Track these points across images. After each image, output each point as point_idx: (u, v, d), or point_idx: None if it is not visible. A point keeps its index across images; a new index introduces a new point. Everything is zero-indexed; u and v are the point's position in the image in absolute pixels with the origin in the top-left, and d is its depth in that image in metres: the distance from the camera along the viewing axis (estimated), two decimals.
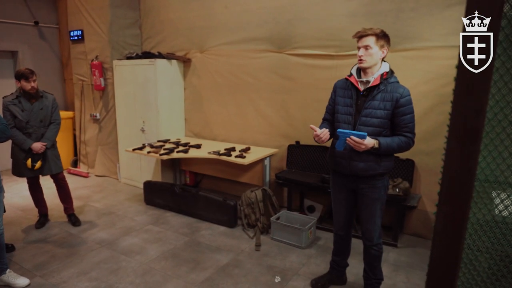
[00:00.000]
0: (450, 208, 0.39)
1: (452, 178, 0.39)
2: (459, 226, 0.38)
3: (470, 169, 0.38)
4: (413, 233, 3.79)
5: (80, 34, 5.66)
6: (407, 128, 2.29)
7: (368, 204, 2.45)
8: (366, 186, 2.41)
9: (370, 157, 2.32)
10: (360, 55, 2.30)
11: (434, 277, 0.42)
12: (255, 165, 4.24)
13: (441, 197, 0.39)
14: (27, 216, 4.27)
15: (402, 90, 2.28)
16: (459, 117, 0.39)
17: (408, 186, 3.49)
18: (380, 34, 2.27)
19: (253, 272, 3.10)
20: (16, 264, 3.20)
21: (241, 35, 4.57)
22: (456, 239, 0.38)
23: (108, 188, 5.37)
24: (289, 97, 4.31)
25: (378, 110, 2.28)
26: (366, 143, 2.19)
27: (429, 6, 3.37)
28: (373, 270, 2.60)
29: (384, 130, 2.31)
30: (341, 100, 2.44)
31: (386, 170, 2.39)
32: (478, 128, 0.38)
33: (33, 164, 3.61)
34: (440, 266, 0.41)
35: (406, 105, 2.26)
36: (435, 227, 0.42)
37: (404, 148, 2.31)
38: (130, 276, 3.04)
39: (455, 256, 0.39)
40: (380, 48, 2.29)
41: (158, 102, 4.93)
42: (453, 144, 0.40)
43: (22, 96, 3.59)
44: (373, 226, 2.48)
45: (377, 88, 2.30)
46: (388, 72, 2.33)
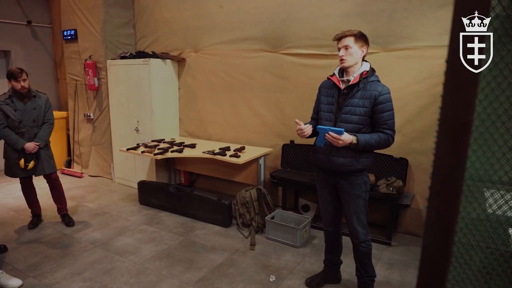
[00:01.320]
0: (441, 202, 0.39)
1: (442, 172, 0.40)
2: (450, 219, 0.39)
3: (460, 163, 0.38)
4: (407, 232, 3.82)
5: (74, 33, 5.63)
6: (386, 125, 2.35)
7: (349, 200, 2.51)
8: (346, 182, 2.48)
9: (348, 153, 2.38)
10: (341, 55, 2.40)
11: (425, 271, 0.43)
12: (250, 165, 4.24)
13: (432, 191, 0.40)
14: (20, 216, 4.23)
15: (381, 88, 2.34)
16: (448, 111, 0.40)
17: (401, 185, 3.51)
18: (358, 35, 2.38)
19: (248, 272, 3.10)
20: (8, 265, 3.17)
21: (236, 35, 4.57)
22: (447, 233, 0.38)
23: (102, 188, 5.34)
24: (283, 96, 4.32)
25: (357, 108, 2.37)
26: (343, 138, 2.27)
27: (422, 6, 3.40)
28: (364, 268, 2.63)
29: (364, 127, 2.38)
30: (324, 99, 2.55)
31: (364, 166, 2.45)
32: (467, 122, 0.39)
33: (26, 164, 3.58)
34: (431, 260, 0.42)
35: (384, 103, 2.32)
36: (426, 221, 0.43)
37: (383, 145, 2.37)
38: (124, 276, 3.03)
39: (446, 250, 0.40)
40: (360, 48, 2.39)
41: (152, 102, 4.91)
42: (443, 137, 0.40)
43: (14, 96, 3.56)
44: (357, 222, 2.52)
45: (357, 86, 2.39)
46: (368, 71, 2.41)
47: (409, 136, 3.64)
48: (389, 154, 3.72)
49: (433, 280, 0.42)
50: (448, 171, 0.40)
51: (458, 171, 0.39)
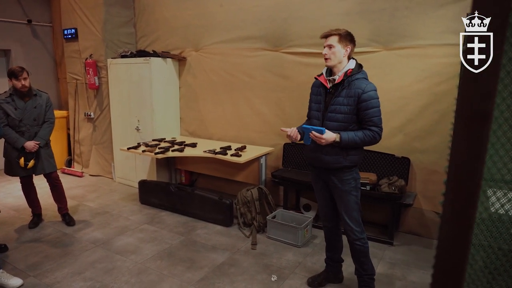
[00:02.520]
0: (458, 197, 0.38)
1: (460, 166, 0.38)
2: (468, 215, 0.37)
3: (479, 155, 0.37)
4: (409, 231, 3.80)
5: (74, 32, 5.61)
6: (371, 122, 2.36)
7: (340, 196, 2.53)
8: (335, 178, 2.51)
9: (334, 150, 2.42)
10: (324, 54, 2.43)
11: (440, 269, 0.41)
12: (251, 164, 4.23)
13: (448, 186, 0.38)
14: (21, 216, 4.22)
15: (365, 86, 2.35)
16: (466, 100, 0.38)
17: (403, 184, 3.50)
18: (343, 34, 2.40)
19: (249, 271, 3.09)
20: (9, 265, 3.16)
21: (236, 34, 4.55)
22: (464, 229, 0.37)
23: (103, 187, 5.33)
24: (284, 95, 4.31)
25: (342, 106, 2.39)
26: (325, 137, 2.31)
27: (423, 4, 3.38)
28: (362, 266, 2.63)
29: (351, 125, 2.40)
30: (314, 98, 2.61)
31: (352, 163, 2.47)
32: (487, 112, 0.38)
33: (26, 163, 3.57)
34: (447, 257, 0.40)
35: (367, 100, 2.33)
36: (441, 217, 0.42)
37: (368, 142, 2.38)
38: (125, 275, 3.02)
39: (463, 247, 0.38)
40: (343, 47, 2.40)
41: (153, 101, 4.90)
42: (459, 129, 0.39)
43: (15, 95, 3.55)
44: (349, 219, 2.53)
45: (342, 85, 2.41)
46: (354, 69, 2.42)
47: (411, 135, 3.63)
48: (391, 153, 3.71)
49: (448, 279, 0.41)
50: (466, 164, 0.38)
51: (477, 164, 0.38)
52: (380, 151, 3.74)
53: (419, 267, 3.15)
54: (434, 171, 3.55)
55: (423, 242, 3.63)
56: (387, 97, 3.44)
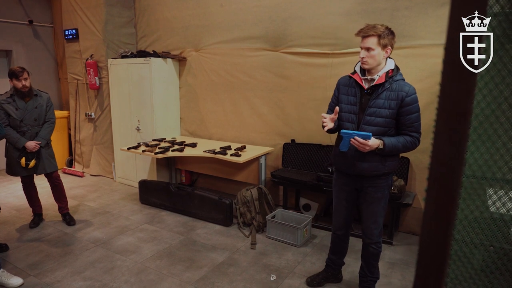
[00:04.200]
0: (439, 193, 0.38)
1: (441, 163, 0.39)
2: (449, 211, 0.38)
3: (459, 153, 0.37)
4: (408, 231, 3.80)
5: (75, 33, 5.63)
6: (413, 127, 2.22)
7: (371, 202, 2.42)
8: (370, 185, 2.39)
9: (375, 158, 2.27)
10: (361, 57, 2.24)
11: (423, 265, 0.42)
12: (251, 164, 4.24)
13: (430, 182, 0.39)
14: (21, 215, 4.24)
15: (408, 89, 2.20)
16: (447, 99, 0.39)
17: (403, 184, 3.50)
18: (383, 34, 2.17)
19: (248, 271, 3.09)
20: (9, 264, 3.17)
21: (237, 34, 4.56)
22: (446, 224, 0.37)
23: (103, 187, 5.34)
24: (284, 95, 4.31)
25: (383, 109, 2.22)
26: (370, 144, 2.15)
27: (423, 4, 3.38)
28: (370, 268, 2.59)
29: (390, 130, 2.26)
30: (344, 98, 2.39)
31: (390, 170, 2.36)
32: (466, 111, 0.38)
33: (27, 163, 3.58)
34: (429, 253, 0.41)
35: (412, 104, 2.19)
36: (424, 213, 0.42)
37: (409, 148, 2.25)
38: (125, 275, 3.03)
39: (444, 243, 0.39)
40: (383, 49, 2.20)
41: (153, 101, 4.91)
42: (441, 127, 0.39)
43: (16, 95, 3.57)
44: (374, 224, 2.46)
45: (382, 86, 2.24)
46: (394, 70, 2.26)
47: None
48: None
49: (431, 275, 0.41)
50: (446, 161, 0.39)
51: (457, 161, 0.38)
52: None
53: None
54: None
55: None
56: None
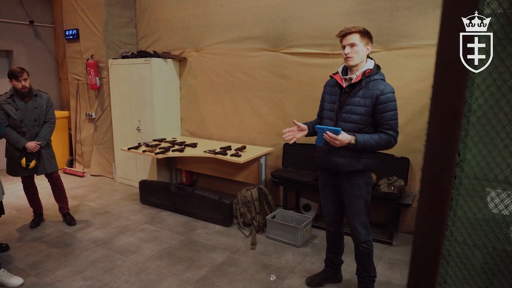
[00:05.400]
0: (432, 194, 0.39)
1: (433, 164, 0.39)
2: (442, 211, 0.38)
3: (451, 154, 0.38)
4: (408, 231, 3.80)
5: (75, 33, 5.64)
6: (388, 125, 2.27)
7: (350, 200, 2.47)
8: (347, 182, 2.44)
9: (348, 153, 2.34)
10: (346, 53, 2.31)
11: (416, 266, 0.42)
12: (251, 164, 4.24)
13: (422, 183, 0.39)
14: (22, 215, 4.25)
15: (383, 87, 2.26)
16: (439, 100, 0.39)
17: (403, 184, 3.50)
18: (363, 31, 2.29)
19: (248, 271, 3.10)
20: (10, 264, 3.18)
21: (237, 34, 4.57)
22: (439, 225, 0.38)
23: (104, 187, 5.35)
24: (284, 95, 4.31)
25: (358, 107, 2.31)
26: (340, 138, 2.22)
27: (423, 4, 3.38)
28: (364, 267, 2.61)
29: (366, 127, 2.32)
30: (327, 97, 2.51)
31: (366, 167, 2.39)
32: (458, 112, 0.38)
33: (28, 163, 3.59)
34: (422, 254, 0.41)
35: (386, 102, 2.25)
36: (417, 214, 0.42)
37: (383, 146, 2.30)
38: (125, 275, 3.03)
39: (437, 243, 0.39)
40: (365, 45, 2.30)
41: (153, 101, 4.92)
42: (433, 129, 0.40)
43: (15, 95, 3.57)
44: (358, 223, 2.49)
45: (359, 85, 2.33)
46: (372, 69, 2.34)
47: (411, 135, 3.63)
48: (390, 153, 3.71)
49: (424, 275, 0.42)
50: (439, 162, 0.39)
51: (449, 162, 0.39)
52: (380, 152, 3.73)
53: None
54: None
55: None
56: None
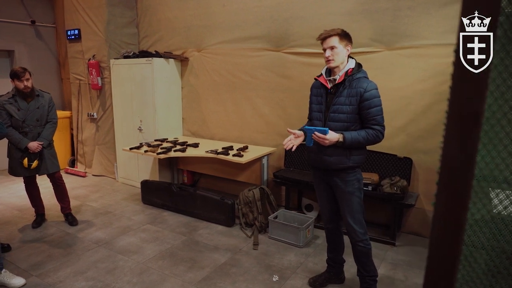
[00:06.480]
0: (449, 197, 0.38)
1: (451, 166, 0.38)
2: (459, 215, 0.37)
3: (470, 156, 0.37)
4: (411, 232, 3.79)
5: (77, 33, 5.64)
6: (374, 120, 2.35)
7: (343, 198, 2.52)
8: (338, 179, 2.49)
9: (337, 151, 2.40)
10: (327, 56, 2.40)
11: (433, 270, 0.41)
12: (253, 164, 4.23)
13: (439, 186, 0.38)
14: (24, 215, 4.24)
15: (366, 85, 2.34)
16: (457, 101, 0.38)
17: (406, 185, 3.49)
18: (342, 34, 2.38)
19: (251, 271, 3.09)
20: (12, 264, 3.17)
21: (238, 34, 4.56)
22: (456, 230, 0.37)
23: (106, 187, 5.35)
24: (286, 95, 4.30)
25: (344, 106, 2.38)
26: (328, 137, 2.30)
27: (426, 4, 3.37)
28: (364, 267, 2.61)
29: (353, 125, 2.39)
30: (314, 99, 2.60)
31: (356, 163, 2.45)
32: (478, 113, 0.37)
33: (30, 164, 3.59)
34: (439, 258, 0.40)
35: (370, 99, 2.32)
36: (433, 217, 0.41)
37: (371, 141, 2.37)
38: (127, 275, 3.03)
39: (455, 248, 0.38)
40: (345, 47, 2.39)
41: (155, 101, 4.91)
42: (451, 130, 0.39)
43: (18, 95, 3.57)
44: (352, 221, 2.51)
45: (343, 85, 2.40)
46: (354, 68, 2.42)
47: (413, 135, 3.61)
48: (393, 153, 3.70)
49: (440, 279, 0.41)
50: (457, 165, 0.38)
51: (468, 165, 0.38)
52: (382, 151, 3.72)
53: (422, 268, 3.13)
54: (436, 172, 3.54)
55: (425, 243, 3.61)
56: (389, 97, 3.43)
